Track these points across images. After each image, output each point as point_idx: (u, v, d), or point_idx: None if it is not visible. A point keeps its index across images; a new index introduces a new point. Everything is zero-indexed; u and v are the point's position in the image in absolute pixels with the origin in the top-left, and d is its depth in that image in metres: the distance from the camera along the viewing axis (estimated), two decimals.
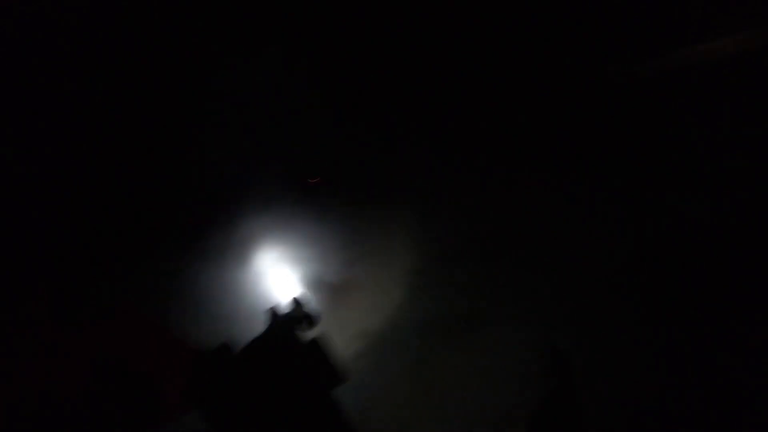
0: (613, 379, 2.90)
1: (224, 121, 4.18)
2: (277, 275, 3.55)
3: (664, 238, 3.57)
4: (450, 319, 3.47)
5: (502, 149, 4.32)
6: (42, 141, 3.75)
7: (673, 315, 3.13)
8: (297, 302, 1.38)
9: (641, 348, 3.03)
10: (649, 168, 3.95)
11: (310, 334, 1.39)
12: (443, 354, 3.31)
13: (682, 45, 4.46)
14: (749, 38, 4.32)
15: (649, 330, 3.10)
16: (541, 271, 3.63)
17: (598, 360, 3.02)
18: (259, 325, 1.81)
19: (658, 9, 4.49)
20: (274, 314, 1.32)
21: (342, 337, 3.07)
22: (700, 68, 4.30)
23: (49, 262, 3.06)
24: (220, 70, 4.26)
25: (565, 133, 4.27)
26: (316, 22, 4.54)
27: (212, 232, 3.69)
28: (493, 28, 4.60)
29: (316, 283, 3.58)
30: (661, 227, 3.64)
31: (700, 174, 3.78)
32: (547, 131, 4.31)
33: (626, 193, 3.89)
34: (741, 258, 3.26)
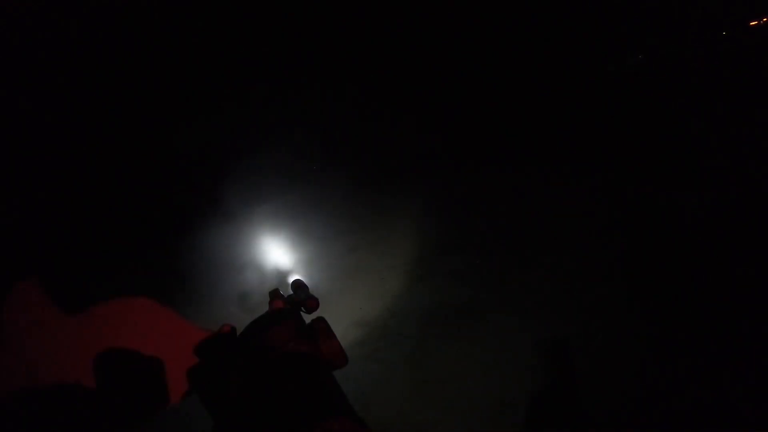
0: (611, 370, 2.90)
1: (228, 108, 4.16)
2: (280, 259, 3.54)
3: (662, 232, 3.58)
4: (449, 309, 3.48)
5: (504, 144, 4.33)
6: (49, 135, 3.78)
7: (670, 308, 3.14)
8: (299, 285, 1.34)
9: (638, 337, 3.05)
10: (647, 163, 3.96)
11: (310, 316, 1.36)
12: (441, 343, 3.32)
13: (680, 42, 4.48)
14: (748, 34, 4.33)
15: (645, 321, 3.12)
16: (540, 263, 3.64)
17: (595, 350, 3.02)
18: (261, 308, 1.80)
19: (657, 7, 4.51)
20: (278, 296, 1.29)
21: (341, 324, 3.07)
22: (698, 66, 4.31)
23: (51, 248, 3.05)
24: (227, 59, 4.25)
25: (565, 130, 4.29)
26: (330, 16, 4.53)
27: (217, 217, 3.68)
28: (494, 28, 4.62)
29: (317, 268, 3.57)
30: (659, 221, 3.65)
31: (699, 170, 3.79)
32: (547, 127, 4.33)
33: (625, 187, 3.91)
34: (739, 253, 3.27)
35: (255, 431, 0.74)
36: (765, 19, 4.34)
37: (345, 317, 3.38)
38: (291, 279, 1.57)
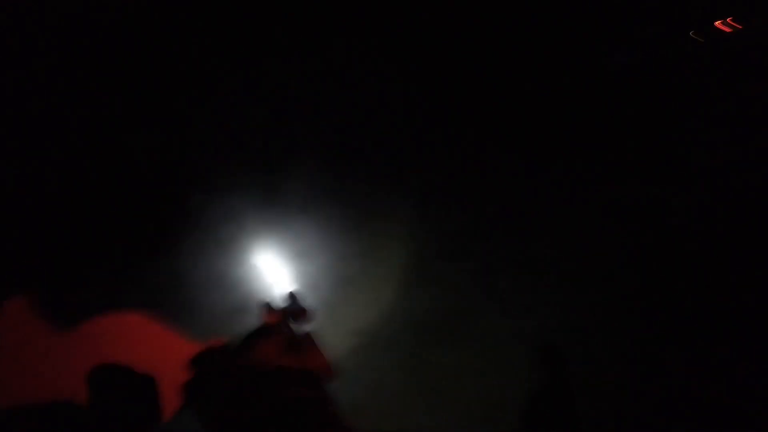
0: (607, 375, 2.92)
1: (224, 117, 4.14)
2: (272, 270, 3.51)
3: (661, 232, 3.59)
4: (443, 316, 3.48)
5: (499, 147, 4.33)
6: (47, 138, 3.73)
7: (668, 308, 3.16)
8: (292, 297, 1.36)
9: (634, 342, 3.07)
10: (645, 163, 3.98)
11: (304, 328, 1.38)
12: (436, 351, 3.32)
13: (677, 37, 4.52)
14: (745, 30, 4.38)
15: (642, 325, 3.14)
16: (535, 269, 3.65)
17: (592, 356, 3.04)
18: (254, 320, 1.80)
19: (656, 6, 4.56)
20: (269, 309, 1.31)
21: (335, 333, 3.06)
22: (697, 64, 4.34)
23: (43, 257, 3.01)
24: (226, 68, 4.24)
25: (562, 131, 4.29)
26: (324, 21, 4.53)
27: (208, 227, 3.64)
28: (493, 26, 4.64)
29: (310, 278, 3.56)
30: (656, 223, 3.67)
31: (698, 169, 3.80)
32: (545, 128, 4.33)
33: (623, 189, 3.91)
34: (739, 253, 3.30)
35: None
36: (729, 20, 4.41)
37: (338, 326, 3.37)
38: (284, 290, 1.58)
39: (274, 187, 3.91)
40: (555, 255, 3.65)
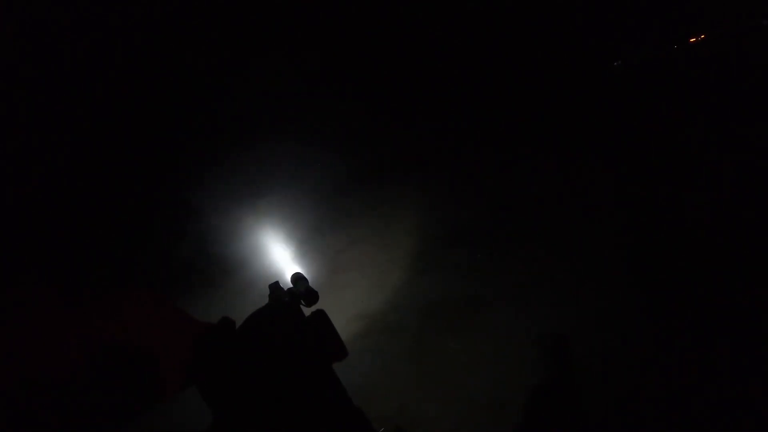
0: (611, 365, 2.91)
1: (227, 103, 4.15)
2: (280, 252, 3.54)
3: (663, 228, 3.57)
4: (450, 303, 3.48)
5: (506, 138, 4.32)
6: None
7: (672, 306, 3.14)
8: (298, 278, 1.34)
9: (639, 334, 3.05)
10: (649, 160, 3.96)
11: (310, 309, 1.37)
12: (442, 337, 3.33)
13: (682, 40, 4.52)
14: (749, 35, 4.39)
15: (647, 318, 3.12)
16: (542, 258, 3.64)
17: (597, 346, 3.03)
18: (261, 300, 1.82)
19: (660, 6, 4.55)
20: (276, 289, 1.30)
21: (342, 317, 3.07)
22: (700, 66, 4.31)
23: (51, 242, 3.06)
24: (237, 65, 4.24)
25: (570, 127, 4.28)
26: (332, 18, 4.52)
27: (217, 210, 3.68)
28: (504, 26, 4.62)
29: (318, 261, 3.58)
30: (660, 217, 3.65)
31: (699, 169, 3.78)
32: (553, 124, 4.32)
33: (627, 184, 3.90)
34: (741, 252, 3.27)
35: (255, 423, 0.74)
36: (702, 36, 4.64)
37: (346, 310, 3.39)
38: (291, 272, 1.57)
39: (285, 174, 3.92)
40: (563, 249, 3.64)
